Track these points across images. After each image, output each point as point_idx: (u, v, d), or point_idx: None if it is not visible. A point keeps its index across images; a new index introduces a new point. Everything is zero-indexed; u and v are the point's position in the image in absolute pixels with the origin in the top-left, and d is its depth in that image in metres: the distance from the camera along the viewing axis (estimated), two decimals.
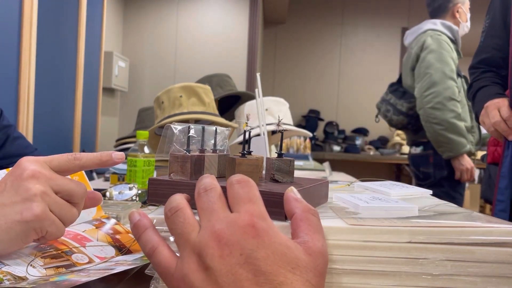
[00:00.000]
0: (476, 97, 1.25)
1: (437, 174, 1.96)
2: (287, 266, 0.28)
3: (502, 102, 1.10)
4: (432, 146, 1.93)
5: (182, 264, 0.30)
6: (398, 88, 2.13)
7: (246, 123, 0.45)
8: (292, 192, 0.35)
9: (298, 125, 4.90)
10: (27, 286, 0.40)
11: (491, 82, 1.23)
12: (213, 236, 0.29)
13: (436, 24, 2.10)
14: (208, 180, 0.33)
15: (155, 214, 0.37)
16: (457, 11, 2.16)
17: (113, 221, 0.61)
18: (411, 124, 2.04)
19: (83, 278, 0.43)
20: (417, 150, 2.03)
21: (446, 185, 1.94)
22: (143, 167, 1.04)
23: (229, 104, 1.86)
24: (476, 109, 1.23)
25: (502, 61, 1.22)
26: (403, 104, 2.05)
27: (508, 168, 1.09)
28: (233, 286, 0.27)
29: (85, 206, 0.48)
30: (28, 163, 0.44)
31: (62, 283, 0.42)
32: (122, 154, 0.48)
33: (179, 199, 0.33)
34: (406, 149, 4.79)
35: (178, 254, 0.32)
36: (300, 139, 3.77)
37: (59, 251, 0.49)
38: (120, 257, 0.53)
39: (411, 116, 2.03)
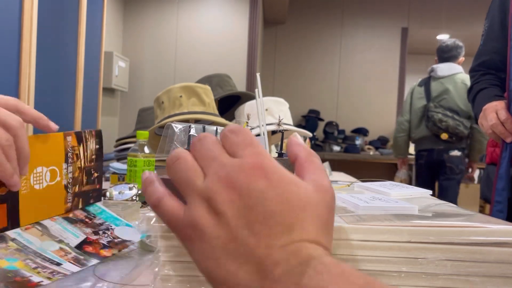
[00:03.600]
0: (476, 100, 1.26)
1: (464, 169, 2.91)
2: (298, 204, 0.28)
3: (500, 105, 1.12)
4: (465, 152, 2.87)
5: (190, 211, 0.29)
6: (452, 108, 2.82)
7: (247, 122, 0.45)
8: (296, 137, 0.34)
9: (298, 125, 4.91)
10: None
11: (490, 84, 1.24)
12: (220, 182, 0.28)
13: (460, 68, 2.95)
14: (200, 135, 0.33)
15: None
16: (461, 60, 2.97)
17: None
18: (467, 135, 2.83)
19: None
20: (458, 153, 2.82)
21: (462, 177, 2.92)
22: (143, 167, 1.04)
23: (229, 104, 1.85)
24: (476, 111, 1.25)
25: (501, 64, 1.23)
26: (468, 122, 2.78)
27: (506, 169, 1.10)
28: (246, 228, 0.27)
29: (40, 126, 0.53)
30: None
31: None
32: (56, 126, 0.54)
33: (180, 150, 0.32)
34: None
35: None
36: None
37: None
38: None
39: (469, 130, 2.81)
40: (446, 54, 2.95)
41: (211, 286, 0.29)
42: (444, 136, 2.76)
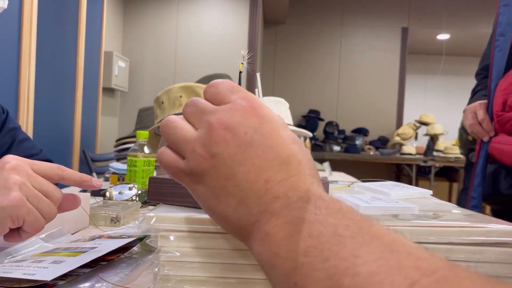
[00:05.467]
0: (470, 102, 1.30)
1: None
2: (288, 138, 0.29)
3: (480, 105, 1.16)
4: None
5: (188, 161, 0.29)
6: None
7: (242, 63, 0.43)
8: None
9: (298, 125, 4.91)
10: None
11: (485, 86, 1.27)
12: (212, 126, 0.28)
13: None
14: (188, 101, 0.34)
15: (155, 212, 0.37)
16: None
17: None
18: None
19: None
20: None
21: None
22: (143, 167, 1.04)
23: None
24: None
25: None
26: None
27: (482, 167, 1.15)
28: (243, 165, 0.27)
29: (63, 208, 0.50)
30: (12, 158, 0.47)
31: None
32: (100, 181, 0.52)
33: (170, 116, 0.33)
34: (406, 149, 4.79)
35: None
36: (300, 139, 3.77)
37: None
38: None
39: None
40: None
41: (214, 222, 0.30)
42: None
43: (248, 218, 0.27)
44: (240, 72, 0.43)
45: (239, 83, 0.43)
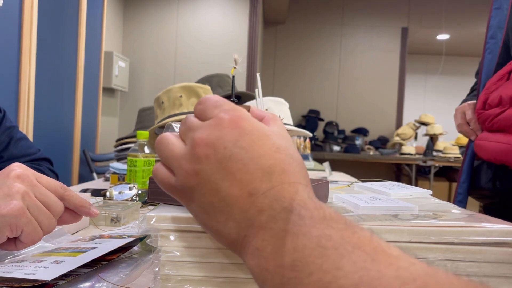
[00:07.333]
0: (465, 100, 1.34)
1: None
2: (271, 147, 0.29)
3: (468, 106, 1.19)
4: None
5: (177, 178, 0.30)
6: None
7: (234, 67, 0.44)
8: (256, 108, 0.36)
9: (298, 125, 4.91)
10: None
11: None
12: (195, 143, 0.29)
13: None
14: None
15: (155, 212, 0.37)
16: None
17: None
18: None
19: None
20: None
21: None
22: (143, 167, 1.04)
23: None
24: None
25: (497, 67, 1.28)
26: None
27: (467, 164, 1.19)
28: (226, 180, 0.27)
29: (63, 221, 0.51)
30: (18, 166, 0.47)
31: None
32: (97, 211, 0.53)
33: (164, 133, 0.34)
34: (405, 149, 4.79)
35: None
36: (300, 139, 3.76)
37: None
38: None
39: None
40: None
41: (209, 235, 0.31)
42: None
43: (238, 232, 0.27)
44: (233, 77, 0.44)
45: (232, 88, 0.43)
